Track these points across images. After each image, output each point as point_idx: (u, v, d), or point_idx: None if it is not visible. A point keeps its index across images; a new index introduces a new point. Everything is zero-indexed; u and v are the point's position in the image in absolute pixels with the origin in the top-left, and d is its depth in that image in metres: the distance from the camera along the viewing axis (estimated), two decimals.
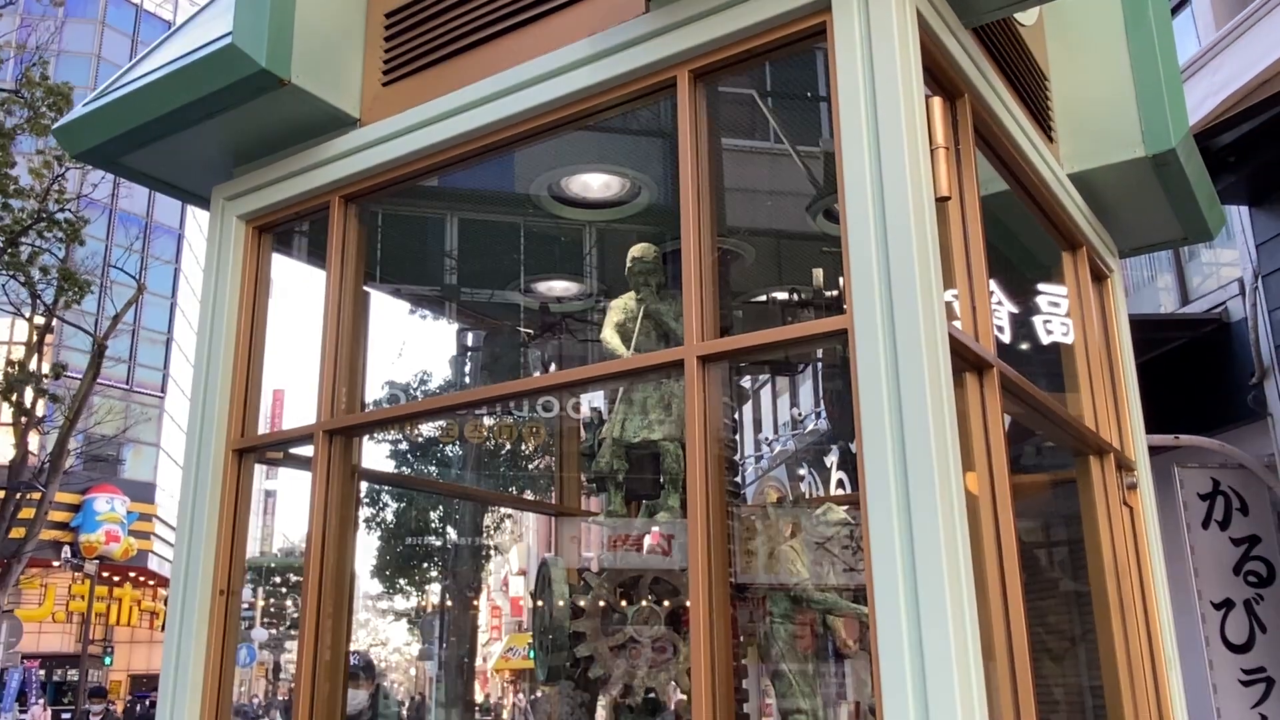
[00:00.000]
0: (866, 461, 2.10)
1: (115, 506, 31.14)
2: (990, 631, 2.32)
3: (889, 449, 2.07)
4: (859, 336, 2.17)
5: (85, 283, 18.45)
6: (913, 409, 2.07)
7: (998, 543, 2.42)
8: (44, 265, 17.50)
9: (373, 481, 3.53)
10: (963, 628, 1.99)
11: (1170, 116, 3.41)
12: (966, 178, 2.64)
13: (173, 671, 3.06)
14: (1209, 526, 7.77)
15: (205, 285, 3.36)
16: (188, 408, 3.36)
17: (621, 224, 3.79)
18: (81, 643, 28.78)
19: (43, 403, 19.22)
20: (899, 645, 1.98)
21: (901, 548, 2.02)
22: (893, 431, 2.08)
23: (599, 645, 3.26)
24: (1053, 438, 3.54)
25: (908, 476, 2.04)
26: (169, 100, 3.11)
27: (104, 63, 34.20)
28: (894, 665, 1.98)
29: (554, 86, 2.77)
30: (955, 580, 2.01)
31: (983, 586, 2.34)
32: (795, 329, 2.36)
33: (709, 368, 2.42)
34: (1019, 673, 2.35)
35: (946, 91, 2.62)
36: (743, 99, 3.30)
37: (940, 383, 2.11)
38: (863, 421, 2.12)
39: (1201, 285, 9.82)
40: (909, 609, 1.99)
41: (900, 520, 2.03)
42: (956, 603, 1.99)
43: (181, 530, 3.16)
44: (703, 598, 2.27)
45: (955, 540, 2.04)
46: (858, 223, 2.23)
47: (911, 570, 2.01)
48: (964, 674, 1.95)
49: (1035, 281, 3.73)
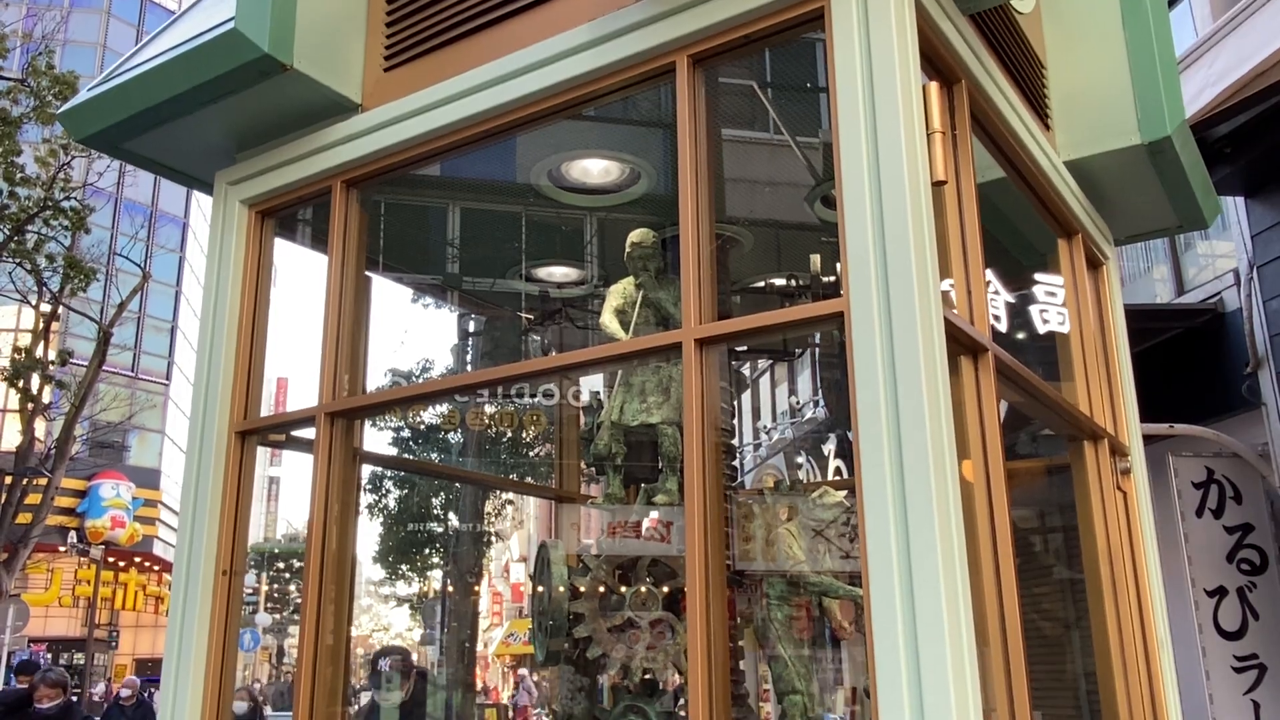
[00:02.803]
0: (862, 444, 2.10)
1: (121, 492, 31.20)
2: (984, 617, 2.33)
3: (884, 432, 2.07)
4: (855, 320, 2.17)
5: (91, 271, 18.45)
6: (908, 392, 2.07)
7: (992, 528, 2.42)
8: (50, 253, 17.50)
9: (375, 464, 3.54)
10: (957, 613, 1.99)
11: (1166, 104, 3.40)
12: (963, 163, 2.63)
13: (176, 650, 3.07)
14: (1203, 515, 7.78)
15: (208, 269, 3.36)
16: (191, 392, 3.37)
17: (621, 210, 3.79)
18: (87, 627, 28.89)
19: (49, 389, 19.23)
20: (893, 630, 1.98)
21: (896, 532, 2.02)
22: (888, 414, 2.08)
23: (597, 627, 3.27)
24: (1047, 423, 3.54)
25: (903, 460, 2.04)
26: (172, 85, 3.10)
27: (109, 52, 34.12)
28: (888, 650, 1.98)
29: (554, 72, 2.76)
30: (949, 565, 2.01)
31: (977, 571, 2.34)
32: (791, 311, 2.36)
33: (707, 351, 2.42)
34: (1013, 658, 2.35)
35: (943, 77, 2.61)
36: (743, 90, 3.29)
37: (936, 366, 2.11)
38: (858, 405, 2.12)
39: (1197, 276, 9.80)
40: (903, 594, 1.99)
41: (895, 504, 2.03)
42: (950, 588, 1.99)
43: (185, 511, 3.17)
44: (699, 581, 2.27)
45: (950, 525, 2.04)
46: (854, 207, 2.22)
47: (906, 554, 2.01)
48: (957, 659, 1.95)
49: (1031, 269, 3.72)
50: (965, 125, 2.66)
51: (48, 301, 18.80)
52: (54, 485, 18.85)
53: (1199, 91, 8.00)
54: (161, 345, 36.64)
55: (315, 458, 2.97)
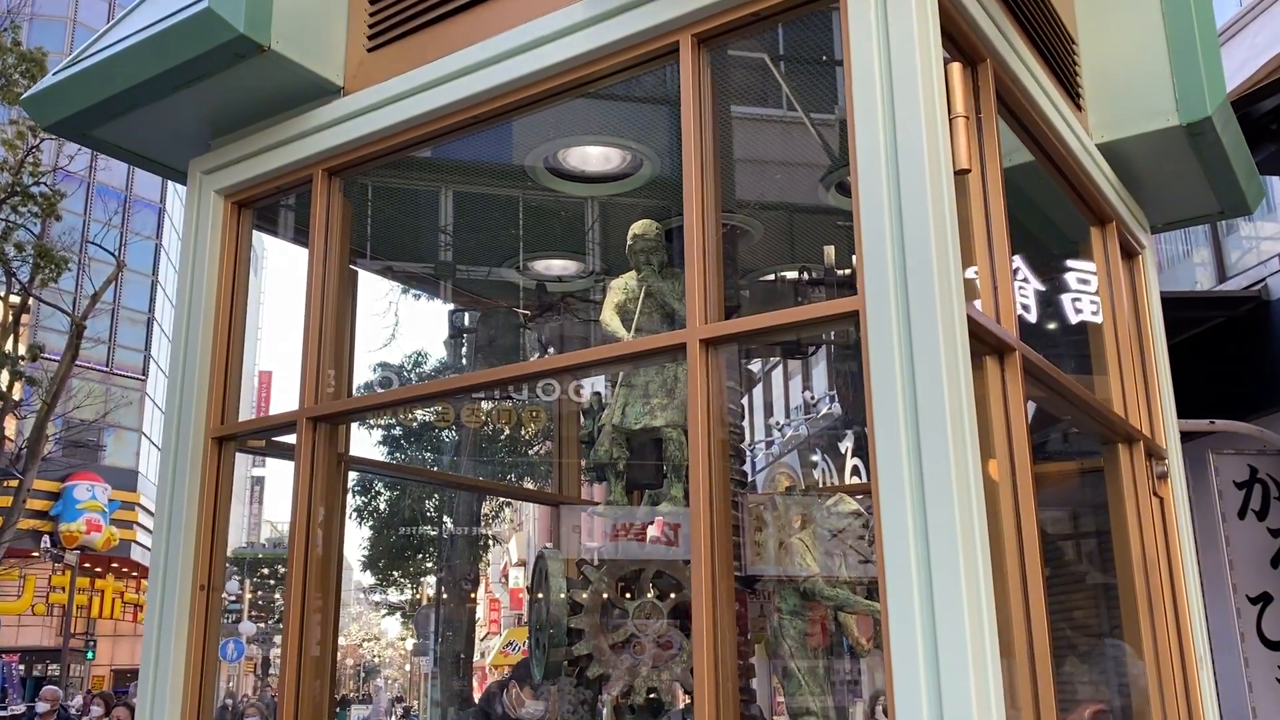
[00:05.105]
0: (879, 451, 2.08)
1: (96, 494, 31.25)
2: (1010, 628, 2.32)
3: (903, 438, 2.06)
4: (871, 319, 2.15)
5: (62, 260, 18.49)
6: (928, 396, 2.06)
7: (1018, 535, 2.41)
8: (19, 241, 17.53)
9: (362, 470, 3.51)
10: (980, 624, 1.98)
11: (1206, 83, 3.37)
12: (988, 149, 2.61)
13: (152, 670, 3.07)
14: (1245, 516, 7.74)
15: (183, 264, 3.35)
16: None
17: (623, 198, 3.77)
18: (63, 636, 28.99)
19: (19, 386, 19.28)
20: (912, 643, 1.98)
21: (915, 542, 2.01)
22: (906, 420, 2.06)
23: (599, 642, 3.26)
24: (1079, 424, 3.52)
25: (922, 467, 2.03)
26: (142, 69, 3.09)
27: (80, 27, 34.12)
28: (907, 663, 1.98)
29: (549, 52, 2.74)
30: (972, 574, 2.00)
31: (1002, 580, 2.33)
32: (803, 311, 2.35)
33: (713, 351, 2.41)
34: (1039, 671, 2.34)
35: (967, 57, 2.59)
36: (753, 63, 3.27)
37: (958, 368, 2.09)
38: (875, 409, 2.10)
39: (1240, 260, 9.75)
40: (923, 605, 1.98)
41: (914, 512, 2.02)
42: (973, 598, 1.98)
43: (159, 523, 3.17)
44: (706, 592, 2.26)
45: (972, 533, 2.03)
46: (871, 197, 2.21)
47: (926, 564, 2.00)
48: (980, 672, 1.95)
49: (1062, 259, 3.70)
50: (991, 109, 2.64)
51: (16, 293, 18.84)
52: (25, 487, 18.93)
53: (1241, 64, 7.95)
54: (138, 338, 36.69)
55: (296, 465, 2.96)
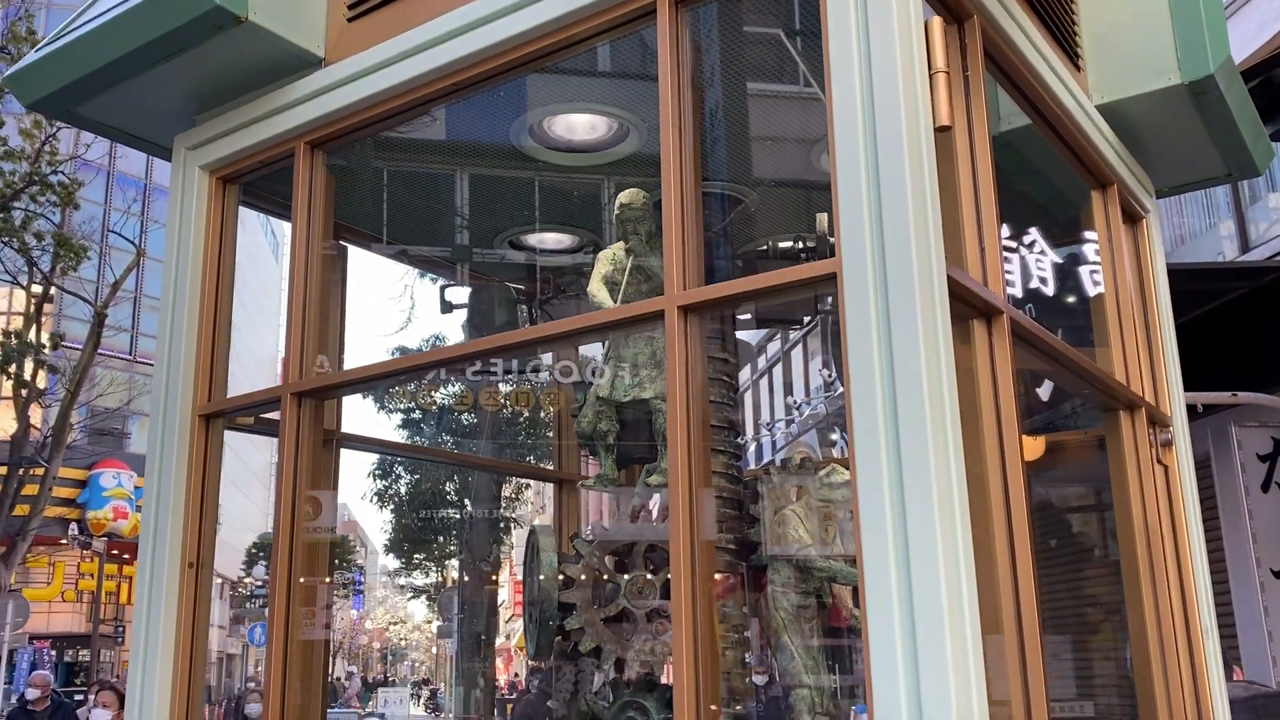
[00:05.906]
0: (855, 416, 2.04)
1: (122, 482, 31.59)
2: (997, 602, 2.27)
3: (879, 402, 2.01)
4: (848, 280, 2.11)
5: (82, 248, 18.66)
6: (905, 359, 2.01)
7: (1006, 506, 2.36)
8: (39, 231, 17.68)
9: (353, 448, 3.50)
10: (958, 596, 1.94)
11: (1209, 39, 3.28)
12: (975, 108, 2.55)
13: (141, 650, 3.07)
14: (1269, 489, 7.65)
15: (168, 241, 3.34)
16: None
17: (610, 169, 3.73)
18: (92, 623, 29.41)
19: (43, 374, 19.48)
20: (889, 614, 1.93)
21: (892, 510, 1.97)
22: (883, 384, 2.02)
23: (590, 617, 3.24)
24: (1076, 392, 3.46)
25: (899, 431, 1.98)
26: (121, 43, 3.07)
27: None
28: (883, 636, 1.94)
29: (527, 16, 2.70)
30: (950, 547, 1.95)
31: (989, 555, 2.28)
32: (781, 274, 2.29)
33: (691, 318, 2.37)
34: (1028, 647, 2.29)
35: (951, 12, 2.52)
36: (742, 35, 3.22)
37: (936, 330, 2.04)
38: (851, 374, 2.06)
39: (1266, 231, 9.61)
40: (899, 575, 1.94)
41: (890, 480, 1.98)
42: (951, 571, 1.94)
43: (148, 500, 3.16)
44: (684, 563, 2.24)
45: (951, 501, 1.98)
46: (847, 155, 2.16)
47: (903, 536, 1.96)
48: (958, 646, 1.90)
49: (1062, 224, 3.63)
50: (978, 66, 2.57)
51: (39, 282, 19.01)
52: (51, 475, 19.16)
53: (1260, 27, 7.80)
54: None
55: (281, 441, 2.95)
